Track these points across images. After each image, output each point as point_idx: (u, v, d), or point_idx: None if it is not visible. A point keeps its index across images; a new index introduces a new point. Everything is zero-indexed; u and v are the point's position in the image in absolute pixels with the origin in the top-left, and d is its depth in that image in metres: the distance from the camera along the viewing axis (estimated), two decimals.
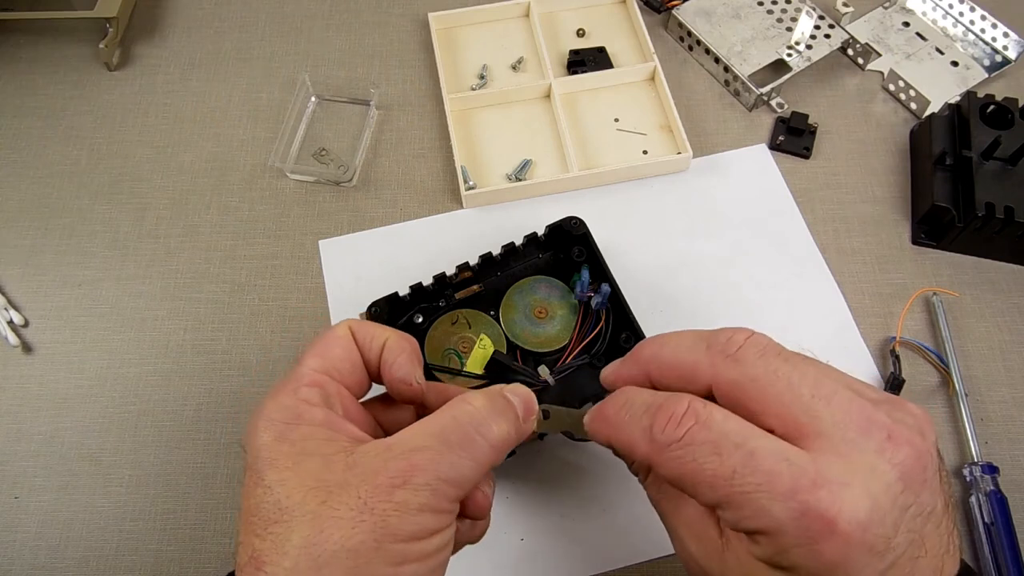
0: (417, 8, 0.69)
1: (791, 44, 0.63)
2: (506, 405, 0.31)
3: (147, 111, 0.64)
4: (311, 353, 0.32)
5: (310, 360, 0.31)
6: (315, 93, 0.64)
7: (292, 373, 0.31)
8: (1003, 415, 0.50)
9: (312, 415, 0.29)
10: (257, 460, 0.28)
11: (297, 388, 0.30)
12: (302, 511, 0.26)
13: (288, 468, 0.27)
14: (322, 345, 0.32)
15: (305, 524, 0.26)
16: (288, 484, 0.27)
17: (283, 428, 0.28)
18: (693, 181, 0.59)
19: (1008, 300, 0.54)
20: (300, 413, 0.29)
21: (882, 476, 0.24)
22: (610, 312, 0.49)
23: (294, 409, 0.29)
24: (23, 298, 0.55)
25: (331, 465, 0.27)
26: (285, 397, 0.30)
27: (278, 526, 0.26)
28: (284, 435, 0.28)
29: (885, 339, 0.52)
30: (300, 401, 0.30)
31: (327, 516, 0.26)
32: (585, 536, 0.46)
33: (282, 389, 0.30)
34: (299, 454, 0.28)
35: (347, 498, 0.26)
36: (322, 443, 0.28)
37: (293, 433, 0.28)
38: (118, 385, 0.52)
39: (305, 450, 0.28)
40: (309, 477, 0.27)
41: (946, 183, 0.54)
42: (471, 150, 0.60)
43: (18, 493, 0.48)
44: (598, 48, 0.65)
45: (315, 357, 0.32)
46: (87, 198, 0.60)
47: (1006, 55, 0.64)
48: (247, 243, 0.57)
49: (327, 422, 0.29)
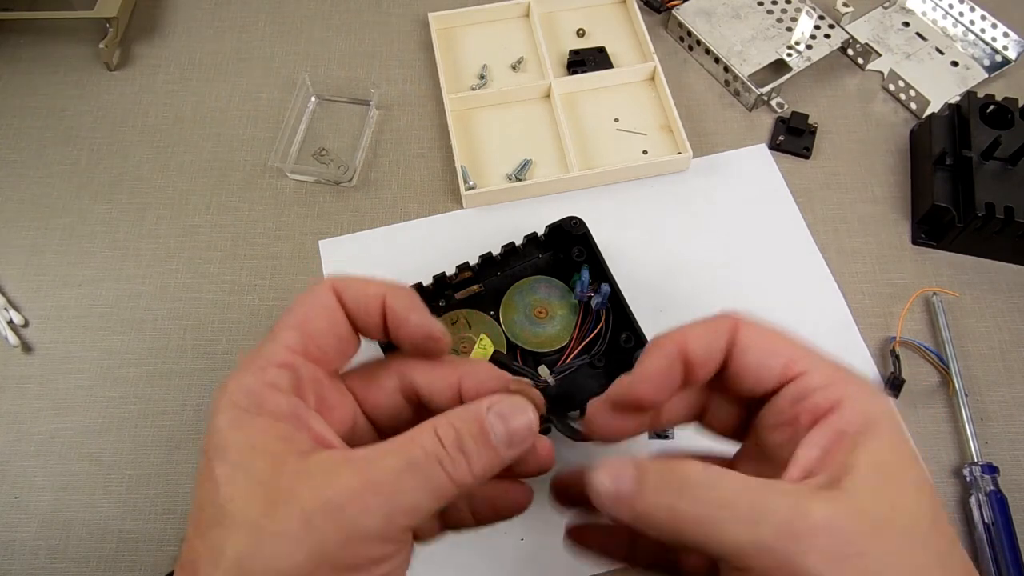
0: (417, 8, 0.69)
1: (791, 44, 0.63)
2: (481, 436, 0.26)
3: (147, 111, 0.64)
4: (288, 323, 0.27)
5: (286, 333, 0.27)
6: (315, 93, 0.64)
7: (264, 344, 0.27)
8: (1003, 415, 0.50)
9: (276, 403, 0.25)
10: (210, 445, 0.25)
11: (265, 367, 0.26)
12: (242, 518, 0.23)
13: (236, 463, 0.24)
14: (302, 314, 0.28)
15: (242, 535, 0.23)
16: (233, 484, 0.24)
17: (240, 415, 0.25)
18: (693, 181, 0.59)
19: (1008, 300, 0.54)
20: (263, 400, 0.25)
21: None
22: (610, 312, 0.49)
23: (257, 394, 0.25)
24: (23, 298, 0.55)
25: (282, 469, 0.24)
26: (250, 377, 0.26)
27: (218, 530, 0.24)
28: (240, 423, 0.25)
29: (885, 339, 0.52)
30: (266, 385, 0.26)
31: (266, 529, 0.23)
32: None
33: (250, 365, 0.26)
34: (251, 448, 0.24)
35: (290, 511, 0.23)
36: (278, 441, 0.25)
37: (250, 424, 0.25)
38: (118, 385, 0.52)
39: (257, 445, 0.24)
40: (255, 479, 0.24)
41: (946, 183, 0.54)
42: (471, 150, 0.60)
43: (18, 493, 0.48)
44: (598, 48, 0.65)
45: (291, 330, 0.27)
46: (87, 198, 0.59)
47: (1006, 55, 0.64)
48: (247, 243, 0.57)
49: (291, 414, 0.26)
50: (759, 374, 0.26)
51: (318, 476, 0.24)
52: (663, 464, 0.25)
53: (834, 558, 0.22)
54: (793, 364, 0.26)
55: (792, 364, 0.26)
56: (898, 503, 0.23)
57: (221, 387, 0.26)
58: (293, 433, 0.25)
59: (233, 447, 0.24)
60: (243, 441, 0.25)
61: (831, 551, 0.22)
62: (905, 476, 0.24)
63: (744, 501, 0.23)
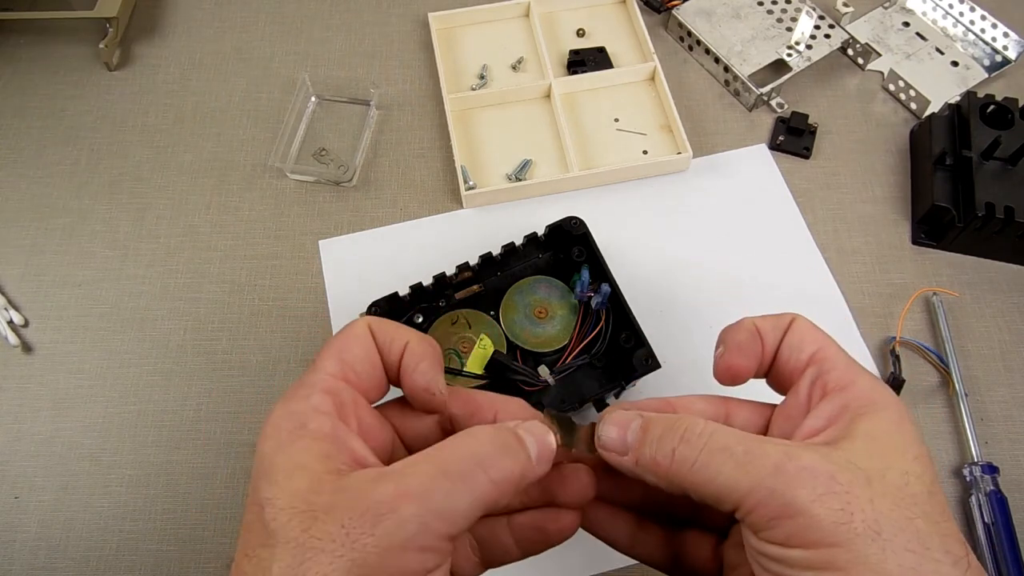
0: (417, 8, 0.69)
1: (791, 44, 0.63)
2: (515, 442, 0.27)
3: (147, 111, 0.64)
4: (328, 353, 0.29)
5: (327, 362, 0.29)
6: (315, 93, 0.64)
7: (307, 375, 0.29)
8: (1003, 415, 0.50)
9: (319, 425, 0.27)
10: (257, 471, 0.26)
11: (310, 394, 0.28)
12: (286, 536, 0.24)
13: (279, 484, 0.25)
14: (340, 344, 0.29)
15: (287, 552, 0.24)
16: (276, 503, 0.25)
17: (285, 438, 0.26)
18: (693, 181, 0.59)
19: (1008, 300, 0.54)
20: (306, 422, 0.27)
21: None
22: (610, 312, 0.49)
23: (301, 417, 0.27)
24: (23, 298, 0.55)
25: (321, 486, 0.25)
26: (296, 403, 0.27)
27: (264, 549, 0.24)
28: (283, 445, 0.26)
29: (885, 339, 0.52)
30: (310, 408, 0.27)
31: (308, 546, 0.24)
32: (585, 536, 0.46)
33: (295, 394, 0.28)
34: (293, 468, 0.26)
35: (331, 527, 0.24)
36: (318, 459, 0.26)
37: (293, 445, 0.26)
38: (118, 385, 0.52)
39: (299, 464, 0.26)
40: (298, 497, 0.25)
41: (946, 183, 0.54)
42: (471, 150, 0.60)
43: (18, 493, 0.48)
44: (598, 48, 0.65)
45: (331, 359, 0.29)
46: (87, 198, 0.60)
47: (1006, 55, 0.64)
48: (247, 243, 0.57)
49: (333, 436, 0.27)
50: (793, 355, 0.29)
51: (354, 490, 0.25)
52: (667, 416, 0.28)
53: (823, 494, 0.23)
54: (821, 351, 0.29)
55: (821, 351, 0.29)
56: (892, 465, 0.25)
57: (269, 415, 0.27)
58: (333, 452, 0.26)
59: (277, 468, 0.26)
60: (286, 462, 0.26)
61: (820, 487, 0.23)
62: (904, 448, 0.25)
63: (740, 447, 0.25)
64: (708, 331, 0.53)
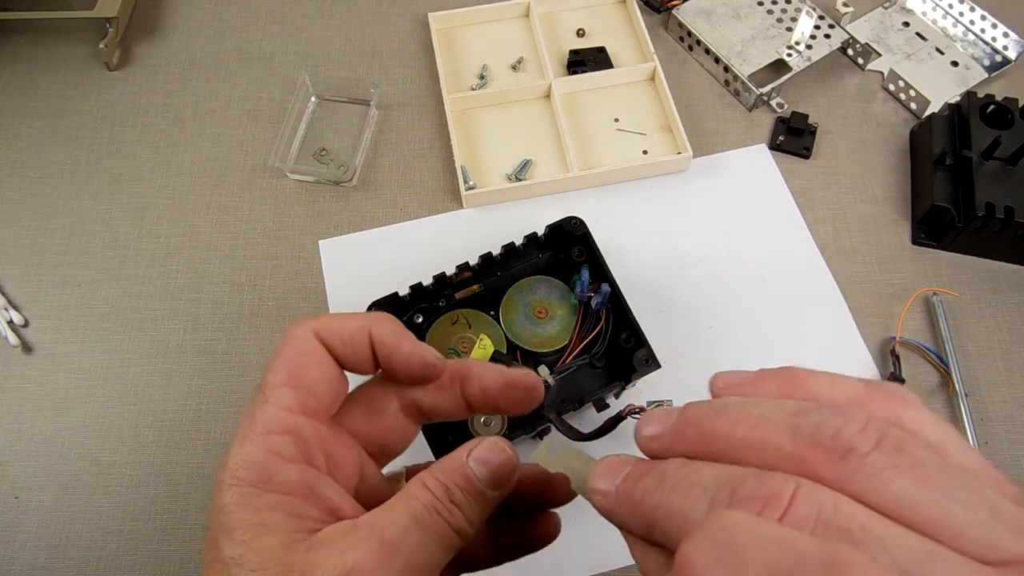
0: (417, 8, 0.69)
1: (791, 44, 0.63)
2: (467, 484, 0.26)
3: (147, 111, 0.64)
4: (277, 380, 0.26)
5: (279, 392, 0.26)
6: (315, 93, 0.64)
7: (259, 409, 0.26)
8: (1003, 415, 0.50)
9: (285, 475, 0.25)
10: (217, 524, 0.24)
11: (268, 436, 0.25)
12: None
13: (245, 543, 0.23)
14: (290, 367, 0.26)
15: None
16: (246, 565, 0.23)
17: (247, 492, 0.24)
18: (693, 181, 0.59)
19: (1008, 300, 0.54)
20: (271, 474, 0.24)
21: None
22: (610, 312, 0.49)
23: (263, 467, 0.24)
24: (23, 298, 0.55)
25: (295, 546, 0.23)
26: (254, 448, 0.25)
27: None
28: (247, 500, 0.24)
29: (885, 339, 0.52)
30: (271, 455, 0.25)
31: None
32: (585, 536, 0.46)
33: (249, 434, 0.25)
34: (259, 526, 0.24)
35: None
36: (288, 518, 0.24)
37: (258, 500, 0.24)
38: (118, 385, 0.52)
39: (267, 523, 0.24)
40: (270, 559, 0.23)
41: (946, 183, 0.54)
42: (471, 150, 0.60)
43: (18, 493, 0.48)
44: (598, 48, 0.65)
45: (284, 388, 0.26)
46: (87, 198, 0.60)
47: (1006, 55, 0.64)
48: (247, 243, 0.57)
49: (302, 486, 0.25)
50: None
51: (332, 548, 0.23)
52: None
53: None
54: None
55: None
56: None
57: (223, 461, 0.25)
58: (303, 508, 0.25)
59: (242, 525, 0.24)
60: (252, 520, 0.24)
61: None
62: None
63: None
64: (708, 331, 0.53)
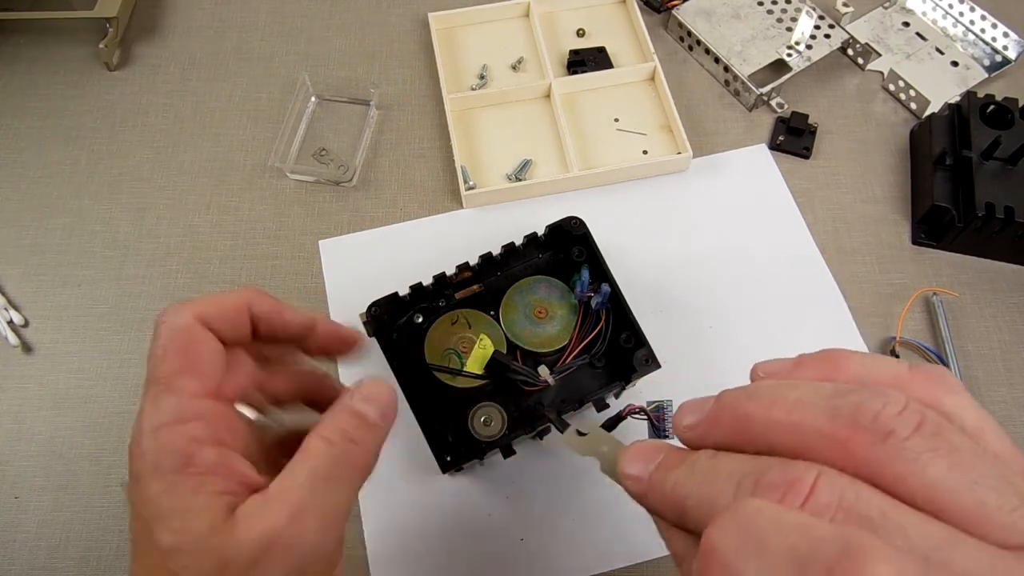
0: (417, 8, 0.69)
1: (791, 44, 0.63)
2: (363, 423, 0.28)
3: (147, 111, 0.64)
4: (174, 368, 0.27)
5: (182, 380, 0.27)
6: (315, 93, 0.64)
7: (162, 397, 0.27)
8: (1003, 415, 0.50)
9: (204, 458, 0.26)
10: (145, 513, 0.25)
11: (183, 425, 0.26)
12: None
13: (179, 530, 0.25)
14: (183, 354, 0.28)
15: None
16: (182, 551, 0.25)
17: (171, 479, 0.25)
18: (693, 181, 0.59)
19: (1008, 300, 0.54)
20: (190, 459, 0.26)
21: None
22: (610, 312, 0.49)
23: (184, 453, 0.26)
24: (23, 298, 0.55)
25: (219, 529, 0.25)
26: (171, 437, 0.26)
27: None
28: (173, 487, 0.25)
29: (885, 339, 0.52)
30: (190, 441, 0.26)
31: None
32: (585, 536, 0.46)
33: (159, 423, 0.26)
34: (187, 511, 0.25)
35: (239, 563, 0.24)
36: (212, 499, 0.25)
37: (183, 486, 0.25)
38: (118, 385, 0.52)
39: (193, 507, 0.25)
40: (201, 544, 0.25)
41: (946, 183, 0.54)
42: (471, 150, 0.60)
43: (18, 493, 0.48)
44: (598, 48, 0.65)
45: (184, 375, 0.27)
46: (87, 198, 0.60)
47: (1006, 55, 0.64)
48: (247, 243, 0.57)
49: (220, 465, 0.26)
50: None
51: (250, 522, 0.25)
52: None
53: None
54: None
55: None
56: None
57: (137, 453, 0.26)
58: (223, 485, 0.26)
59: (172, 514, 0.25)
60: (180, 506, 0.25)
61: None
62: None
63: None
64: (708, 331, 0.54)
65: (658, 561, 0.45)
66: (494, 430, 0.45)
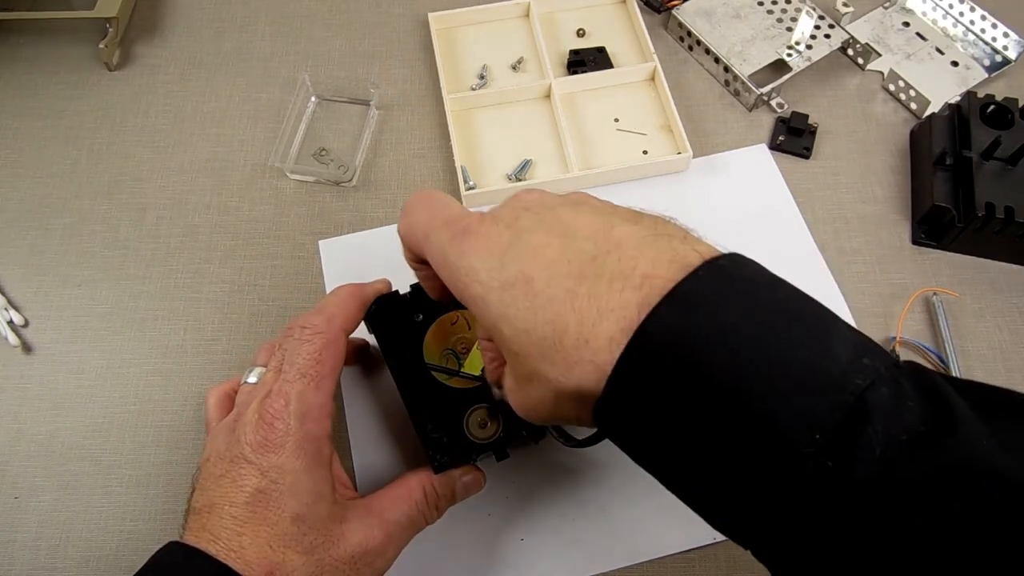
0: (417, 8, 0.69)
1: (791, 44, 0.63)
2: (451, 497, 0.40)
3: (147, 111, 0.64)
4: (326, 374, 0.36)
5: (329, 383, 0.36)
6: (315, 93, 0.64)
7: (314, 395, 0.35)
8: None
9: (328, 453, 0.35)
10: (280, 478, 0.33)
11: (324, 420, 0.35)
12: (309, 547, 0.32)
13: (308, 506, 0.33)
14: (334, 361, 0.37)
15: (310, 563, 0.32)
16: (306, 521, 0.32)
17: (311, 462, 0.33)
18: (693, 181, 0.59)
19: (1008, 300, 0.54)
20: (322, 451, 0.34)
21: None
22: None
23: (319, 443, 0.34)
24: (23, 298, 0.55)
25: (334, 517, 0.34)
26: (314, 427, 0.34)
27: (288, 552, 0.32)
28: (310, 469, 0.33)
29: (885, 339, 0.52)
30: (324, 435, 0.35)
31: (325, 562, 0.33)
32: (585, 536, 0.46)
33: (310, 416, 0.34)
34: (316, 493, 0.33)
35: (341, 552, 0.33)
36: (329, 489, 0.34)
37: (316, 471, 0.33)
38: (118, 385, 0.52)
39: (322, 491, 0.34)
40: (320, 524, 0.33)
41: (946, 183, 0.54)
42: (471, 150, 0.60)
43: (18, 493, 0.48)
44: (598, 48, 0.65)
45: (331, 378, 0.37)
46: (87, 198, 0.60)
47: (1006, 55, 0.64)
48: (247, 243, 0.57)
49: (333, 462, 0.36)
50: None
51: (356, 525, 0.34)
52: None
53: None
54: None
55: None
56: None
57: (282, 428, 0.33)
58: (333, 481, 0.35)
59: (306, 490, 0.33)
60: (313, 487, 0.33)
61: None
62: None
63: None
64: None
65: (658, 561, 0.45)
66: (489, 432, 0.45)
